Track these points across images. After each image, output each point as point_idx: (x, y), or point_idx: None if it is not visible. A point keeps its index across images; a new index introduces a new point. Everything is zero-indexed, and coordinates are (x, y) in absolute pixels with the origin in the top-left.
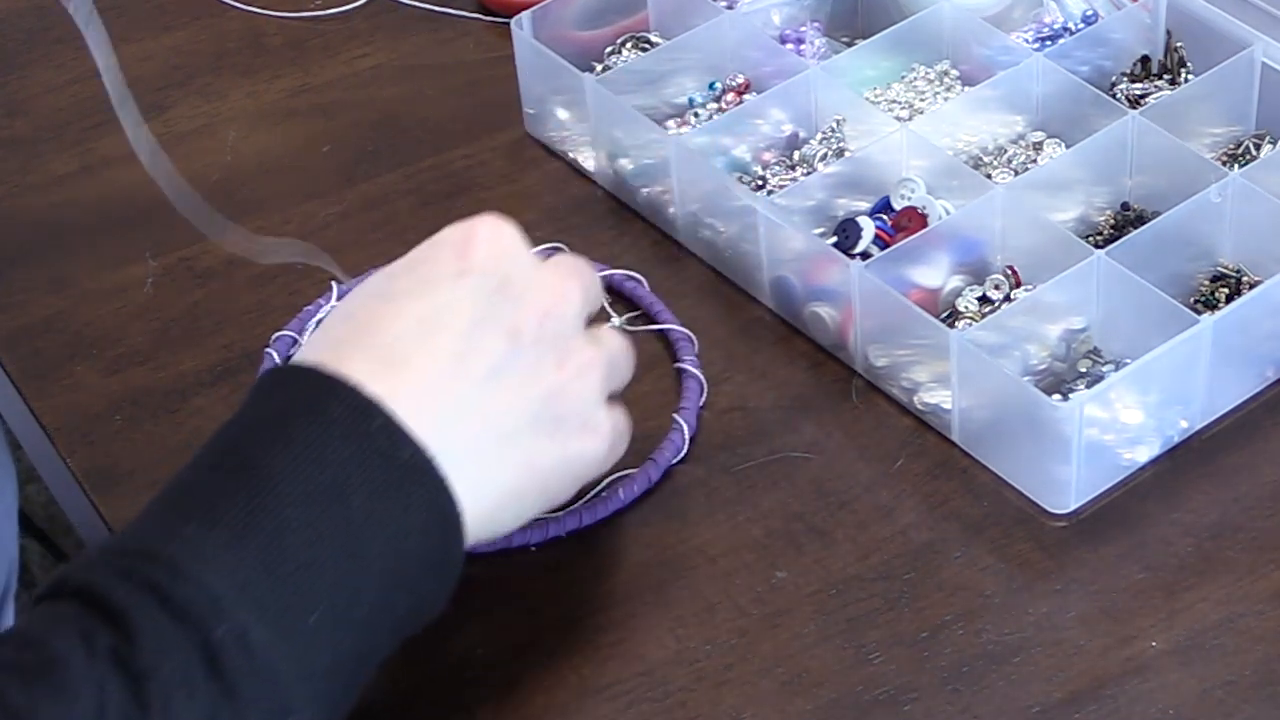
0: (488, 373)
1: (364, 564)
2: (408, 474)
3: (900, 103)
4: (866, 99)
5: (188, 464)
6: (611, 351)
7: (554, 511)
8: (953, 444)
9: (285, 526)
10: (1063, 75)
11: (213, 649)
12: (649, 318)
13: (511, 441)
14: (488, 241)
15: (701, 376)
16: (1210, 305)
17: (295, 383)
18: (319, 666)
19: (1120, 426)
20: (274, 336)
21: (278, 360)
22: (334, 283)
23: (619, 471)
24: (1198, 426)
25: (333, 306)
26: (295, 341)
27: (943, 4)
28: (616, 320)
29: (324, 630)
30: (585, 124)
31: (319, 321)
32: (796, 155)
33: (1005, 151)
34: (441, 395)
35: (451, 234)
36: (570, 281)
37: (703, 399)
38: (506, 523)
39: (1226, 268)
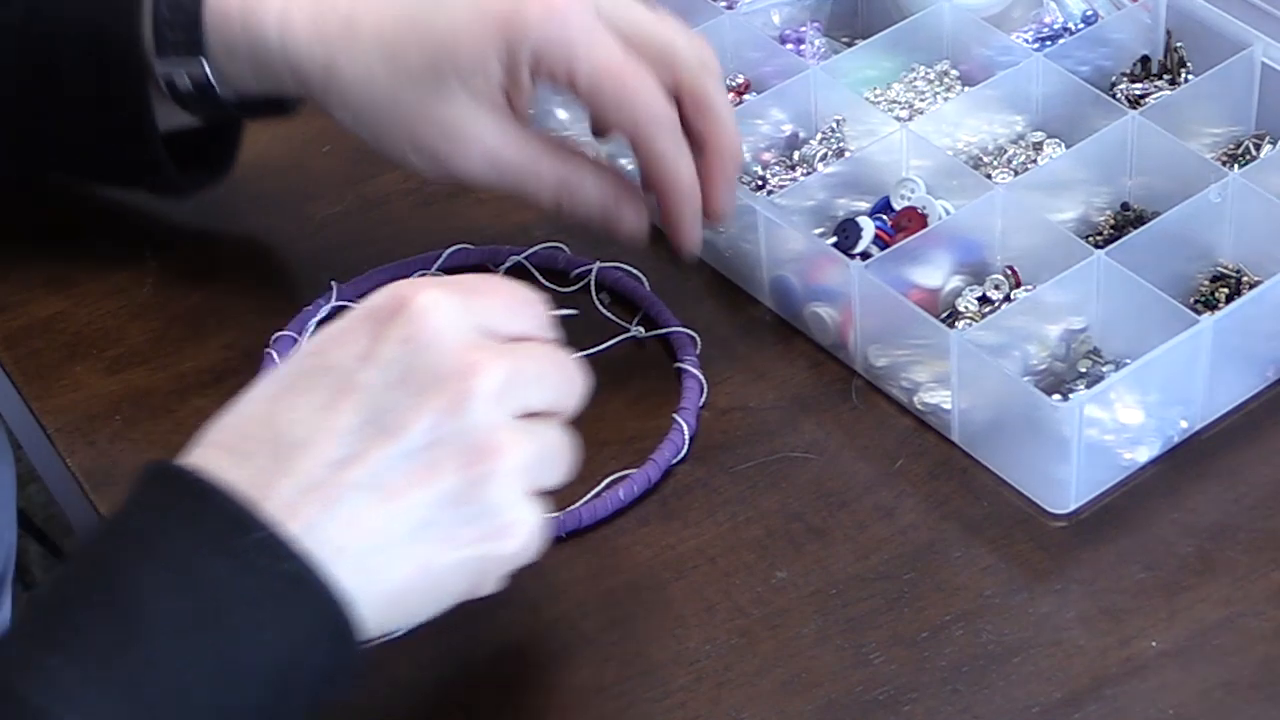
0: (370, 478)
1: (244, 684)
2: (290, 586)
3: (900, 103)
4: (866, 99)
5: (68, 563)
6: (542, 446)
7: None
8: (953, 444)
9: (154, 657)
10: (1063, 75)
11: None
12: (649, 318)
13: (405, 545)
14: (410, 321)
15: (701, 376)
16: (1210, 305)
17: (170, 487)
18: None
19: (1120, 426)
20: (274, 336)
21: (277, 360)
22: (333, 282)
23: (619, 471)
24: (1198, 426)
25: (333, 307)
26: (295, 341)
27: (943, 4)
28: (631, 330)
29: None
30: (585, 124)
31: (319, 322)
32: (796, 155)
33: (1005, 151)
34: (326, 502)
35: (377, 306)
36: (489, 370)
37: (703, 399)
38: (403, 621)
39: (1226, 268)
